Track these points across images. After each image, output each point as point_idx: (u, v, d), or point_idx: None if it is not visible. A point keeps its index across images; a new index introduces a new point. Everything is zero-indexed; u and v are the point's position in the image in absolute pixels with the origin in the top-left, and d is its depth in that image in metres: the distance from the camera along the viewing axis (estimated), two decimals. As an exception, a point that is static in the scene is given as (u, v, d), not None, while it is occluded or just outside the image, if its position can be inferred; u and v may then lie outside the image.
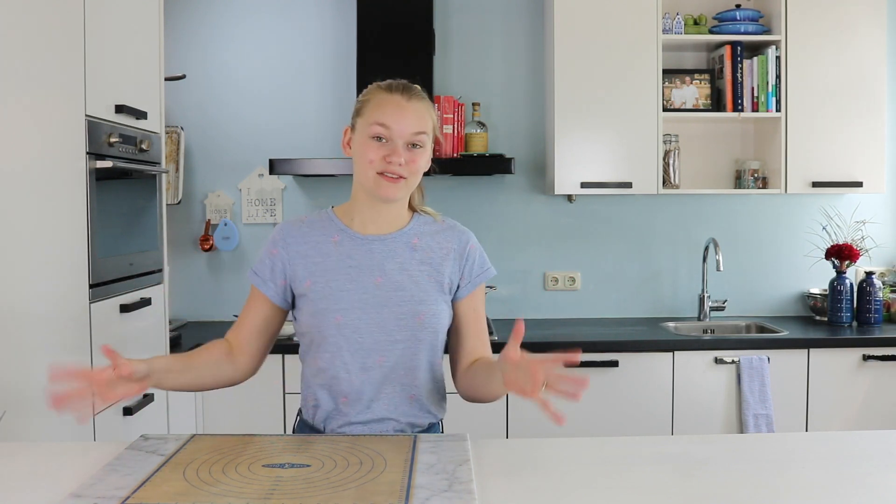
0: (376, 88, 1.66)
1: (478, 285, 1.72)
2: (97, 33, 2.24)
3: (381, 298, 1.63)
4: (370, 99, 1.65)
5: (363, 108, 1.65)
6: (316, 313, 1.64)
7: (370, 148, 1.61)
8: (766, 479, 1.37)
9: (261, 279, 1.69)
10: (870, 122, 3.41)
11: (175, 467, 1.37)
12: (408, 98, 1.63)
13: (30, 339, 1.93)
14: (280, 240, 1.69)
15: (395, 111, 1.61)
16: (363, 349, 1.63)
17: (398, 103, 1.62)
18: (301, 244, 1.68)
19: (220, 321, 3.64)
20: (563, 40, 3.37)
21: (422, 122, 1.63)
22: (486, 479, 1.34)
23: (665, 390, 3.12)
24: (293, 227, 1.70)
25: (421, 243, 1.69)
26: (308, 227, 1.70)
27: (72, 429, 2.09)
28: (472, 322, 1.72)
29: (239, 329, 1.72)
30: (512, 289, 3.67)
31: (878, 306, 3.45)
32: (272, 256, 1.69)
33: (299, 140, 3.63)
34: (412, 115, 1.62)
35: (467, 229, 1.76)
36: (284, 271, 1.68)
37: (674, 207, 3.72)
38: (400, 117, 1.60)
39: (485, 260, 1.75)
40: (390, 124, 1.60)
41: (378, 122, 1.60)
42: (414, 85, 1.67)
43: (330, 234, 1.69)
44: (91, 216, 2.19)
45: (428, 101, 1.68)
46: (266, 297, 1.69)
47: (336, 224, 1.70)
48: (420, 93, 1.67)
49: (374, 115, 1.61)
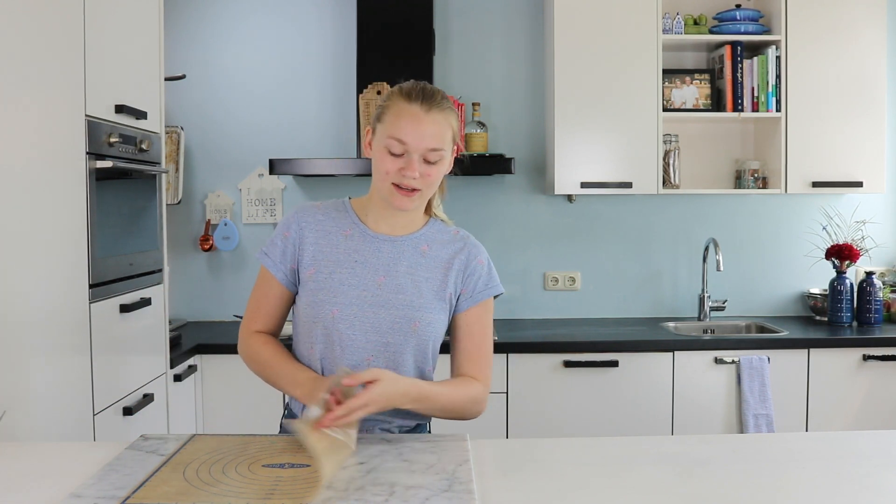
0: (397, 94, 1.62)
1: (479, 302, 1.69)
2: (97, 33, 2.24)
3: (380, 298, 1.63)
4: (390, 106, 1.62)
5: (383, 115, 1.62)
6: (314, 303, 1.64)
7: (386, 160, 1.59)
8: (766, 479, 1.37)
9: (272, 261, 1.69)
10: (870, 122, 3.41)
11: (175, 467, 1.37)
12: (427, 109, 1.59)
13: (30, 339, 1.93)
14: (293, 223, 1.69)
15: (412, 126, 1.57)
16: (353, 346, 1.62)
17: (416, 116, 1.58)
18: (314, 230, 1.68)
19: (221, 321, 3.64)
20: (563, 40, 3.37)
21: (439, 136, 1.59)
22: (486, 479, 1.34)
23: (665, 390, 3.12)
24: (308, 213, 1.70)
25: (430, 250, 1.69)
26: (323, 215, 1.70)
27: (72, 429, 2.09)
28: (466, 337, 1.70)
29: (262, 318, 1.72)
30: (512, 289, 3.67)
31: (878, 306, 3.45)
32: (284, 239, 1.69)
33: (299, 140, 3.63)
34: (429, 130, 1.58)
35: (480, 244, 1.74)
36: (295, 255, 1.68)
37: (674, 207, 3.72)
38: (416, 132, 1.57)
39: (492, 278, 1.72)
40: (406, 140, 1.57)
41: (394, 136, 1.58)
42: (435, 91, 1.63)
43: (343, 226, 1.69)
44: (91, 216, 2.19)
45: (449, 109, 1.63)
46: (276, 279, 1.69)
47: (351, 217, 1.70)
48: (440, 102, 1.61)
49: (392, 127, 1.58)
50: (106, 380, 2.27)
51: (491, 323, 1.73)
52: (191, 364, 3.03)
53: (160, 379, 2.68)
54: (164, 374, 2.73)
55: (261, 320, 1.72)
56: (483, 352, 1.71)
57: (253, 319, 1.73)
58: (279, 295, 1.71)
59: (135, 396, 2.47)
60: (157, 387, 2.64)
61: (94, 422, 2.20)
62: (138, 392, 2.50)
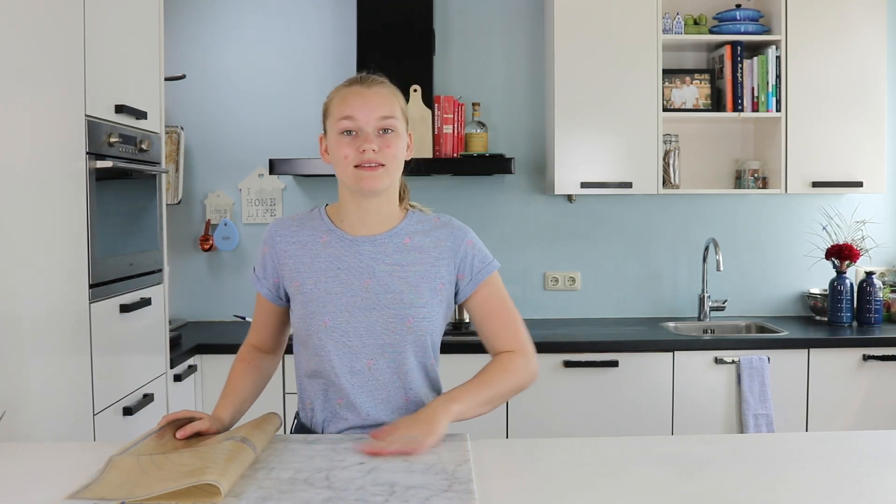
0: (336, 88, 1.66)
1: (481, 282, 1.67)
2: (97, 33, 2.24)
3: (369, 301, 1.62)
4: (332, 98, 1.65)
5: (328, 109, 1.65)
6: (305, 316, 1.63)
7: (342, 144, 1.60)
8: (766, 479, 1.37)
9: (257, 278, 1.73)
10: (870, 122, 3.40)
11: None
12: (367, 86, 1.62)
13: (30, 340, 1.93)
14: (269, 238, 1.70)
15: (357, 100, 1.60)
16: (351, 352, 1.62)
17: (358, 93, 1.61)
18: (289, 243, 1.67)
19: (220, 321, 3.64)
20: (563, 40, 3.37)
21: (386, 105, 1.61)
22: (486, 479, 1.34)
23: (665, 390, 3.12)
24: (282, 226, 1.70)
25: (413, 242, 1.66)
26: (298, 226, 1.69)
27: (72, 429, 2.09)
28: (485, 319, 1.68)
29: (258, 333, 1.78)
30: (512, 289, 3.62)
31: (878, 306, 3.45)
32: (264, 255, 1.71)
33: (299, 140, 3.63)
34: (375, 100, 1.60)
35: (465, 226, 1.72)
36: (275, 269, 1.69)
37: (674, 207, 3.72)
38: (363, 104, 1.59)
39: (485, 255, 1.69)
40: (355, 114, 1.59)
41: (343, 115, 1.59)
42: (374, 74, 1.66)
43: (319, 234, 1.67)
44: (91, 216, 2.19)
45: (391, 86, 1.66)
46: (262, 295, 1.72)
47: (325, 224, 1.68)
48: (380, 79, 1.65)
49: (339, 111, 1.61)
50: (106, 380, 2.27)
51: (504, 294, 1.70)
52: (191, 364, 3.03)
53: (160, 379, 2.68)
54: (164, 374, 2.73)
55: (255, 333, 1.79)
56: (505, 321, 1.68)
57: (251, 332, 1.79)
58: (268, 310, 1.74)
59: (135, 396, 2.47)
60: (157, 387, 2.64)
61: (94, 422, 2.20)
62: (138, 392, 2.50)
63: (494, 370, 1.65)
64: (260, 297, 1.73)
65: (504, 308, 1.70)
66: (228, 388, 1.70)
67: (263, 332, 1.77)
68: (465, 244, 1.68)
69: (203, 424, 1.54)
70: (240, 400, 1.69)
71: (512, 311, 1.70)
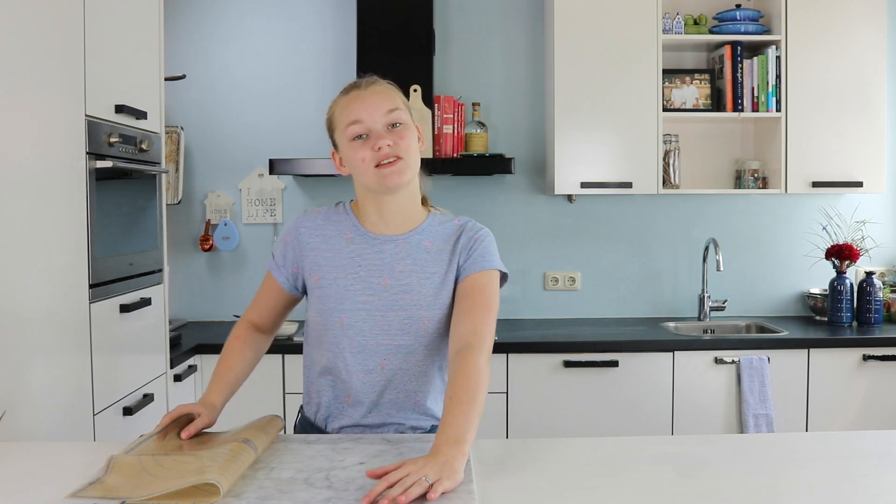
0: (334, 100, 1.67)
1: (474, 271, 1.62)
2: (97, 33, 2.24)
3: (387, 301, 1.62)
4: (333, 110, 1.66)
5: (333, 122, 1.65)
6: (322, 311, 1.64)
7: (356, 149, 1.59)
8: (766, 479, 1.37)
9: (276, 263, 1.72)
10: (869, 122, 3.41)
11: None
12: (364, 87, 1.63)
13: (30, 339, 1.93)
14: (293, 229, 1.70)
15: (360, 103, 1.60)
16: (365, 351, 1.62)
17: (358, 96, 1.62)
18: (314, 236, 1.68)
19: (220, 321, 3.64)
20: (563, 40, 3.37)
21: (388, 99, 1.61)
22: (486, 479, 1.34)
23: (665, 390, 3.12)
24: (309, 219, 1.70)
25: (433, 245, 1.67)
26: (324, 220, 1.70)
27: (72, 429, 2.09)
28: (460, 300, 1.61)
29: (259, 311, 1.77)
30: (512, 289, 3.67)
31: (878, 306, 3.45)
32: (285, 244, 1.71)
33: (299, 140, 3.63)
34: (376, 98, 1.61)
35: (482, 227, 1.71)
36: (296, 261, 1.69)
37: (674, 207, 3.72)
38: (366, 105, 1.60)
39: (490, 253, 1.66)
40: (361, 116, 1.59)
41: (350, 121, 1.60)
42: (366, 76, 1.67)
43: (344, 230, 1.68)
44: (91, 216, 2.19)
45: (387, 83, 1.66)
46: (278, 282, 1.72)
47: (351, 220, 1.69)
48: (374, 79, 1.66)
49: (344, 118, 1.61)
50: (106, 380, 2.27)
51: (492, 294, 1.62)
52: (191, 364, 3.03)
53: (160, 379, 2.68)
54: (164, 374, 2.73)
55: (256, 311, 1.77)
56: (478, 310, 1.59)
57: (251, 308, 1.78)
58: (279, 295, 1.74)
59: (135, 396, 2.47)
60: (157, 387, 2.64)
61: (94, 422, 2.20)
62: (138, 392, 2.50)
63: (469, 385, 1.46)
64: (273, 280, 1.73)
65: (483, 300, 1.60)
66: (224, 366, 1.70)
67: (265, 313, 1.77)
68: (474, 239, 1.68)
69: (204, 421, 1.54)
70: (234, 378, 1.69)
71: (489, 308, 1.60)
